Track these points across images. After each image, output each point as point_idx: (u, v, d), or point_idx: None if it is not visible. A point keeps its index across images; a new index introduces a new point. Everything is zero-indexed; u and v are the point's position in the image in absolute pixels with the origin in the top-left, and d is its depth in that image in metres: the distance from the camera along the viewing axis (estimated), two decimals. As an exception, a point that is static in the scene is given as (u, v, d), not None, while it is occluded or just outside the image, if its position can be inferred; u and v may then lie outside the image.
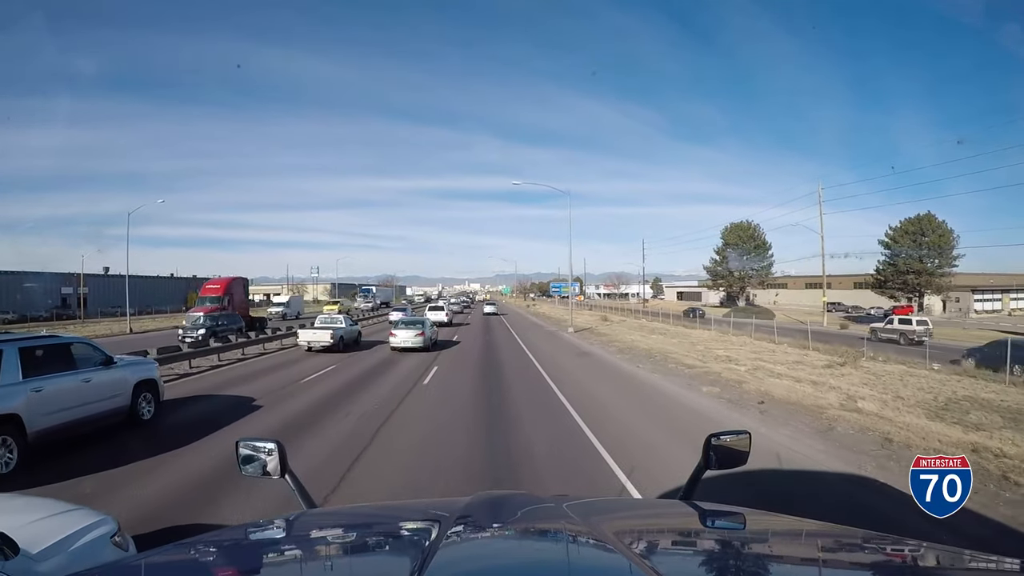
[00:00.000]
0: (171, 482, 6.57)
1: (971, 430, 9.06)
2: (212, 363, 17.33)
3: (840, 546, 1.53)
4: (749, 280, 72.45)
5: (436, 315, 35.38)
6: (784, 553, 1.47)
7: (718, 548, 1.52)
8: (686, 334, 31.02)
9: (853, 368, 16.64)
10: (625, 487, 6.44)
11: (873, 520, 5.30)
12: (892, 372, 15.83)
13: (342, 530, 1.69)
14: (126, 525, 3.68)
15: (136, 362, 9.99)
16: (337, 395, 12.25)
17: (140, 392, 9.46)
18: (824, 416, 10.13)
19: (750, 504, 1.86)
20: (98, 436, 8.33)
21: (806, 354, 20.69)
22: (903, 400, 11.56)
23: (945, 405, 11.14)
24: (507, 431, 9.10)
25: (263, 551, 1.49)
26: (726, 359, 18.88)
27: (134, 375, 9.34)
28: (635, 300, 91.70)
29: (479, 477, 6.81)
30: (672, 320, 42.74)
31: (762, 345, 24.63)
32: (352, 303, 72.02)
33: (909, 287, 53.71)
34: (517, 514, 1.69)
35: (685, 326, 37.89)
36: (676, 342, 25.62)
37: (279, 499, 5.30)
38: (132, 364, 9.65)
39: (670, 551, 1.45)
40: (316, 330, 20.93)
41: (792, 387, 13.20)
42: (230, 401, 11.60)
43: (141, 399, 9.51)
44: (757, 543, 1.56)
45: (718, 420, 9.89)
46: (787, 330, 28.27)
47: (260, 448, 2.01)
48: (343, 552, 1.49)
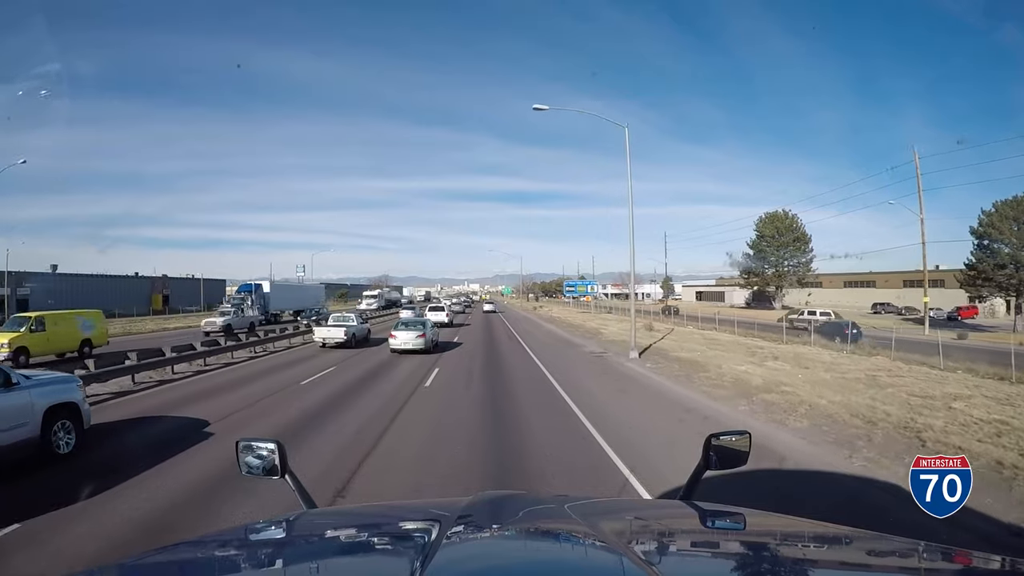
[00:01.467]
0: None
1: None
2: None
3: (840, 546, 1.51)
4: (787, 277, 63.25)
5: (436, 315, 34.06)
6: (784, 553, 1.46)
7: (718, 548, 1.52)
8: (831, 363, 17.64)
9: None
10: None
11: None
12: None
13: (342, 530, 1.65)
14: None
15: (50, 380, 7.92)
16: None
17: (55, 419, 7.45)
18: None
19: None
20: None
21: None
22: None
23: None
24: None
25: (263, 551, 1.48)
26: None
27: (44, 398, 7.32)
28: (649, 301, 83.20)
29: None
30: (741, 329, 30.97)
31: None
32: (357, 304, 67.91)
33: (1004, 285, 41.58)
34: (518, 514, 1.67)
35: (783, 341, 24.84)
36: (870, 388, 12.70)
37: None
38: (44, 384, 7.61)
39: (670, 551, 1.43)
40: (331, 328, 22.72)
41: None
42: (188, 421, 9.58)
43: (57, 428, 7.50)
44: (757, 543, 1.54)
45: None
46: (918, 345, 20.22)
47: (260, 448, 1.98)
48: (344, 552, 1.46)
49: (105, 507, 5.77)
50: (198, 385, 14.24)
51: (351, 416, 10.28)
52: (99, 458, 7.66)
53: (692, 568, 1.31)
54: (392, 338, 19.75)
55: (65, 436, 7.65)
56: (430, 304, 47.33)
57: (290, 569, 1.30)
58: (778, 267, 63.95)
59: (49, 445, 7.33)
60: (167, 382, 14.54)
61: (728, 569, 1.35)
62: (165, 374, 15.38)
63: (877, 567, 1.35)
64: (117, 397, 12.40)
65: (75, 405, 7.87)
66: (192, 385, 14.24)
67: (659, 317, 46.00)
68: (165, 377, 15.07)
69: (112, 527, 5.26)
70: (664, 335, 28.76)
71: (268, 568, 1.32)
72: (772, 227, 64.22)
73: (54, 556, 4.64)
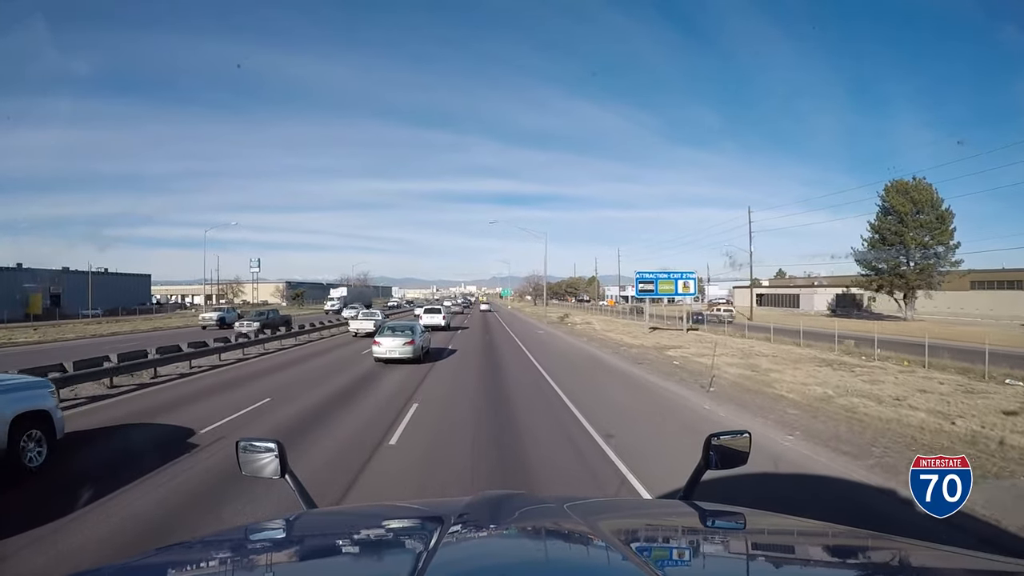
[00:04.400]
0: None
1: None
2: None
3: (840, 546, 1.51)
4: (926, 272, 44.30)
5: (432, 318, 32.65)
6: (784, 553, 1.47)
7: (718, 548, 1.50)
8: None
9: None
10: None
11: None
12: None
13: (342, 530, 1.65)
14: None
15: (17, 386, 7.12)
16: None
17: (23, 429, 6.68)
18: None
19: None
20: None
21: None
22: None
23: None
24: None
25: (263, 551, 1.45)
26: None
27: (11, 405, 6.55)
28: (702, 305, 56.91)
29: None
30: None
31: None
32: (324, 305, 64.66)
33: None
34: (518, 514, 1.64)
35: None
36: None
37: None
38: (11, 390, 6.84)
39: (670, 551, 1.42)
40: (362, 321, 30.31)
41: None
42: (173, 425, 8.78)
43: (25, 438, 6.73)
44: (757, 543, 1.53)
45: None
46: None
47: (260, 448, 1.94)
48: (343, 552, 1.45)
49: (82, 527, 5.07)
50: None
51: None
52: (74, 471, 6.91)
53: (692, 568, 1.31)
54: (376, 345, 18.23)
55: (35, 447, 6.87)
56: (426, 306, 42.08)
57: (290, 569, 1.29)
58: (915, 259, 44.52)
59: (17, 458, 6.56)
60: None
61: (728, 569, 1.35)
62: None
63: (877, 567, 1.34)
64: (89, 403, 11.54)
65: (47, 413, 7.08)
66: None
67: (720, 330, 31.31)
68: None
69: (91, 551, 4.57)
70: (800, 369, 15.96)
71: (268, 568, 1.29)
72: (905, 201, 44.41)
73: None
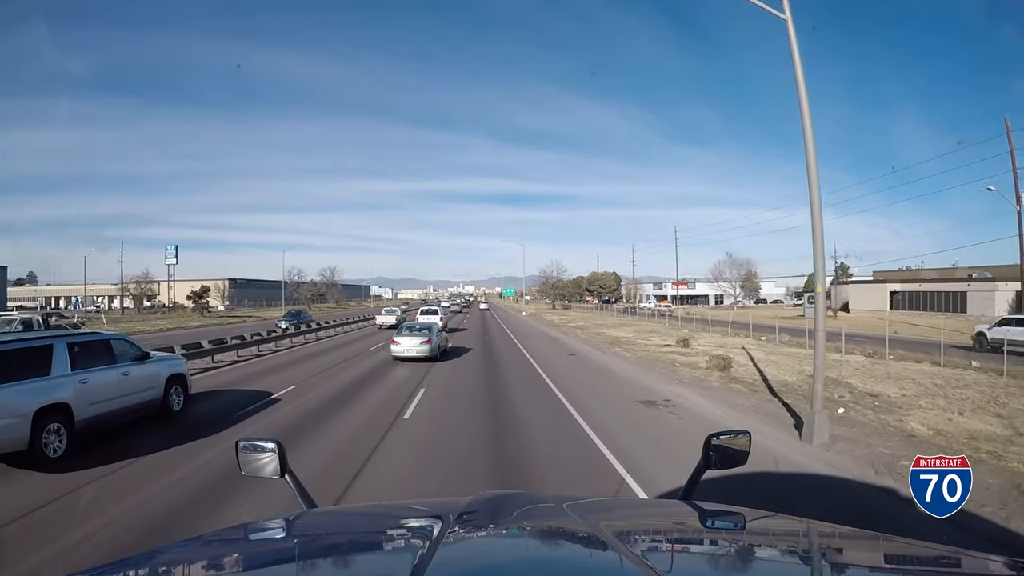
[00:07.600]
0: (202, 464, 7.34)
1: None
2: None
3: (840, 546, 1.53)
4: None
5: (428, 320, 30.50)
6: (784, 553, 1.49)
7: (718, 548, 1.53)
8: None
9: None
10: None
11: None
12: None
13: (343, 529, 1.72)
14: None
15: (167, 358, 10.88)
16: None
17: (171, 385, 10.30)
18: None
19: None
20: (133, 426, 9.15)
21: None
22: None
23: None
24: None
25: (263, 551, 1.51)
26: None
27: (166, 369, 10.20)
28: (748, 308, 49.05)
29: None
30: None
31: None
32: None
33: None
34: (518, 513, 1.69)
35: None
36: None
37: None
38: (164, 360, 10.52)
39: (669, 551, 1.45)
40: (386, 315, 38.98)
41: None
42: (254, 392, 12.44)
43: (172, 392, 10.35)
44: (757, 543, 1.56)
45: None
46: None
47: (260, 448, 2.02)
48: (344, 551, 1.50)
49: (214, 446, 8.45)
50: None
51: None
52: (201, 413, 10.56)
53: (691, 568, 1.32)
54: (394, 344, 18.82)
55: (177, 398, 10.51)
56: (422, 308, 42.44)
57: (290, 568, 1.32)
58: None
59: (167, 404, 10.19)
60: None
61: (727, 569, 1.36)
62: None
63: (877, 567, 1.35)
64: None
65: (183, 376, 10.77)
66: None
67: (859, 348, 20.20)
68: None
69: (214, 458, 7.89)
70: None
71: (268, 568, 1.34)
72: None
73: (192, 466, 7.29)
